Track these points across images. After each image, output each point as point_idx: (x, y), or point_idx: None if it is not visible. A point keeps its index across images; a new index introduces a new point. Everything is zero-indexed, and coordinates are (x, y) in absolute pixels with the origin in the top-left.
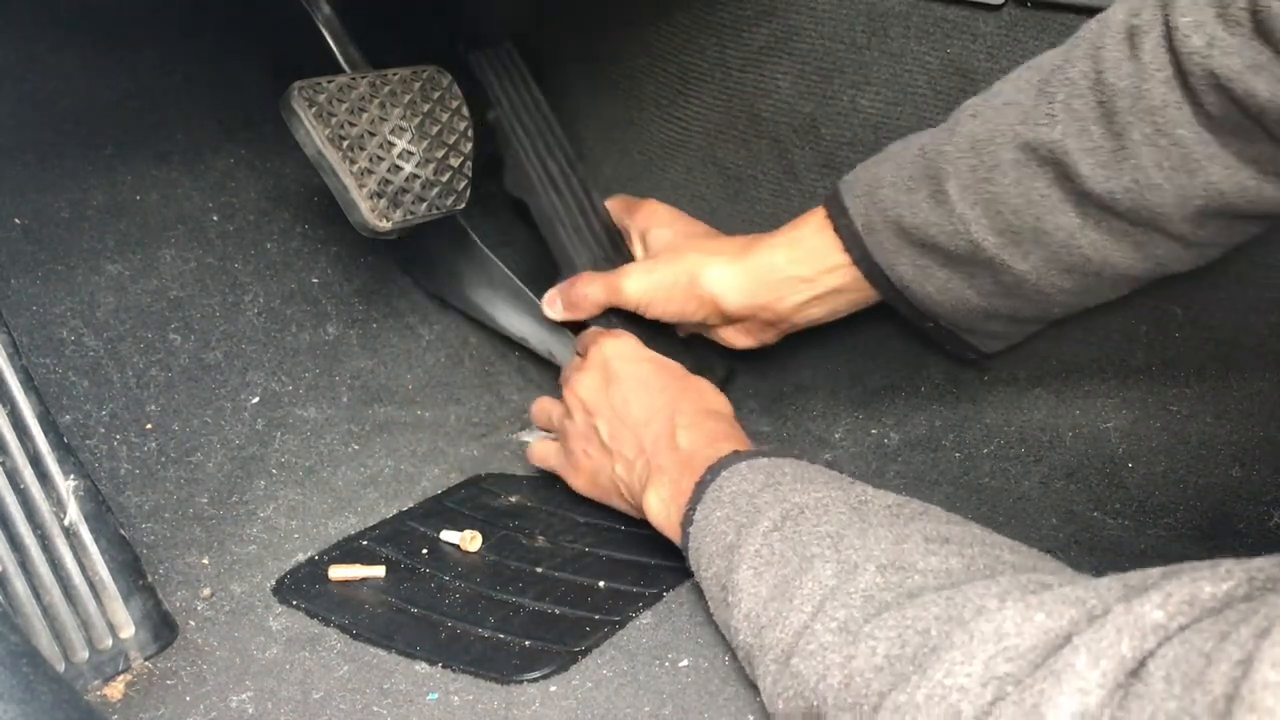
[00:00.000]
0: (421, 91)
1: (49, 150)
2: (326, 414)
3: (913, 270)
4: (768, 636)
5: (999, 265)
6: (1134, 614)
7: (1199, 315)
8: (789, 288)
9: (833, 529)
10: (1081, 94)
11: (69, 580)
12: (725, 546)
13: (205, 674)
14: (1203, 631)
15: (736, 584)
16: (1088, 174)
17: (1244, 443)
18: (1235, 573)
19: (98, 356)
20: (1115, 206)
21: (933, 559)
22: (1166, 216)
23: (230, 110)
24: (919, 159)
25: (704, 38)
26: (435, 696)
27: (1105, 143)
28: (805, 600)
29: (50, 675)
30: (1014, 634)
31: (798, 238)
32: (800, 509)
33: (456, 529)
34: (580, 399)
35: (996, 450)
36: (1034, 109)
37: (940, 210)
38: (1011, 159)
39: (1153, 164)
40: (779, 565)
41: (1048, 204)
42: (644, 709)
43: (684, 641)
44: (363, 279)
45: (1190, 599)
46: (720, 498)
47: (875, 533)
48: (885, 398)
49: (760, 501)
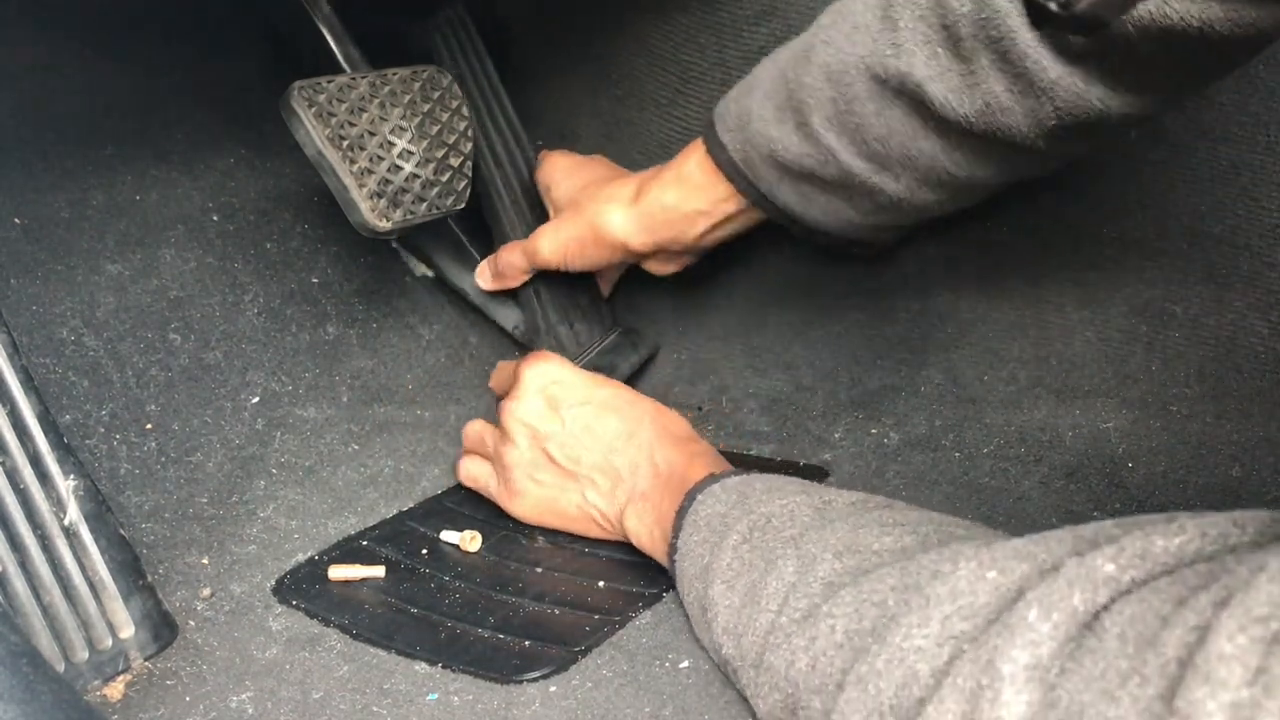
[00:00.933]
0: (421, 91)
1: (49, 150)
2: (326, 414)
3: (796, 197)
4: (744, 644)
5: (873, 188)
6: (1086, 567)
7: (1199, 315)
8: (687, 223)
9: (796, 531)
10: (925, 17)
11: (69, 580)
12: (701, 569)
13: (205, 674)
14: (1159, 591)
15: (712, 600)
16: (940, 101)
17: (1244, 443)
18: (1188, 527)
19: (98, 356)
20: (971, 129)
21: (887, 539)
22: (1022, 135)
23: (230, 110)
24: (782, 88)
25: (704, 37)
26: (435, 696)
27: (954, 67)
28: (770, 599)
29: (50, 675)
30: (968, 592)
31: (684, 174)
32: (767, 518)
33: (456, 529)
34: (524, 424)
35: (996, 450)
36: (880, 36)
37: (809, 142)
38: (867, 90)
39: (1002, 89)
40: (747, 573)
41: (908, 131)
42: (644, 709)
43: (684, 641)
44: (363, 279)
45: (1142, 553)
46: (696, 523)
47: (833, 526)
48: (885, 398)
49: (730, 518)
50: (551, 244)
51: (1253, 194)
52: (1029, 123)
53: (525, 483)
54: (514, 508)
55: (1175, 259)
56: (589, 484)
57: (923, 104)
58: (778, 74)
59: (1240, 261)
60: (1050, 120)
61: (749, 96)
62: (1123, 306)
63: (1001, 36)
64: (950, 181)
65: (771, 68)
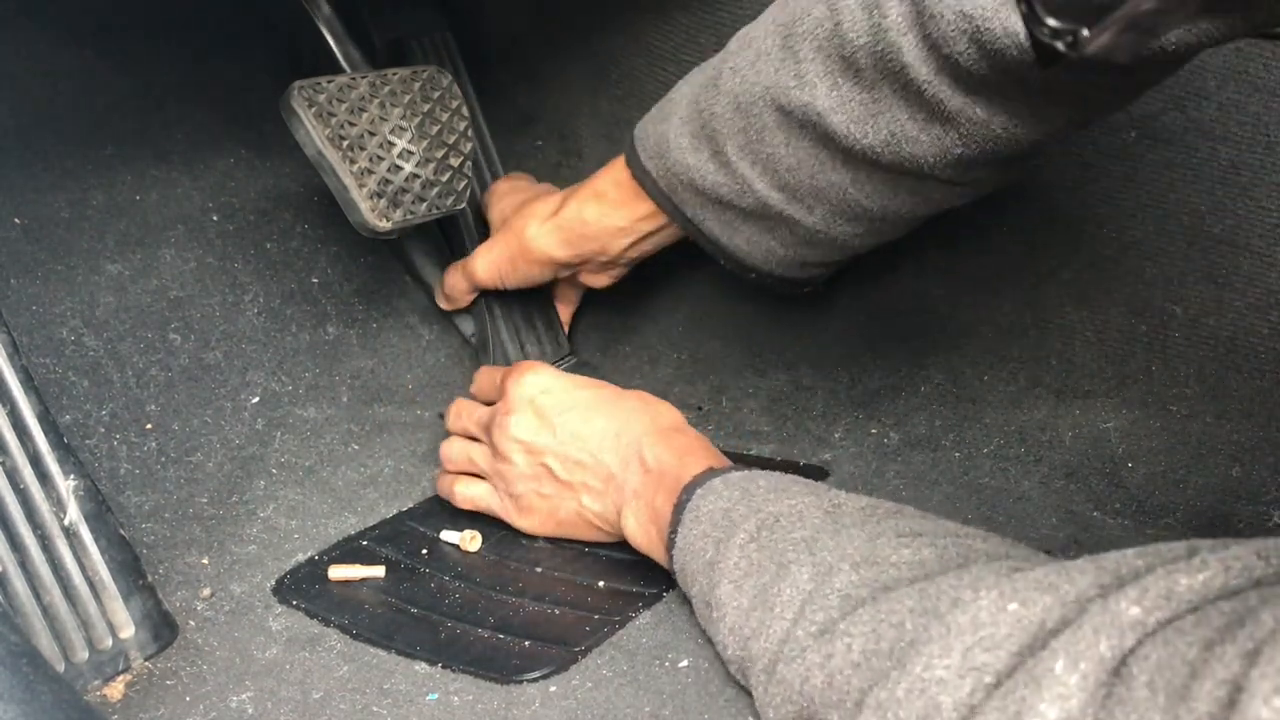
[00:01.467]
0: (421, 91)
1: (49, 150)
2: (326, 414)
3: (719, 225)
4: (753, 648)
5: (789, 219)
6: (1110, 612)
7: (1199, 315)
8: (607, 237)
9: (807, 534)
10: (824, 48)
11: (69, 580)
12: (705, 564)
13: (205, 674)
14: (1184, 633)
15: (719, 599)
16: (844, 133)
17: (1244, 443)
18: (1210, 563)
19: (98, 356)
20: (879, 161)
21: (905, 551)
22: (930, 165)
23: (230, 110)
24: (696, 117)
25: (704, 37)
26: (435, 696)
27: (855, 97)
28: (785, 607)
29: (50, 675)
30: (989, 623)
31: (601, 191)
32: (775, 518)
33: (456, 529)
34: (519, 441)
35: (996, 450)
36: (783, 66)
37: (725, 171)
38: (774, 120)
39: (906, 118)
40: (757, 575)
41: (817, 163)
42: (644, 709)
43: (684, 641)
44: (363, 279)
45: (1167, 593)
46: (698, 516)
47: (848, 533)
48: (885, 398)
49: (736, 515)
50: (485, 263)
51: (1253, 194)
52: (936, 152)
53: (533, 499)
54: (524, 524)
55: (1175, 259)
56: (584, 490)
57: (828, 135)
58: (691, 100)
59: (1240, 261)
60: (956, 148)
61: (666, 122)
62: (1123, 306)
63: (900, 68)
64: (864, 214)
65: (686, 92)
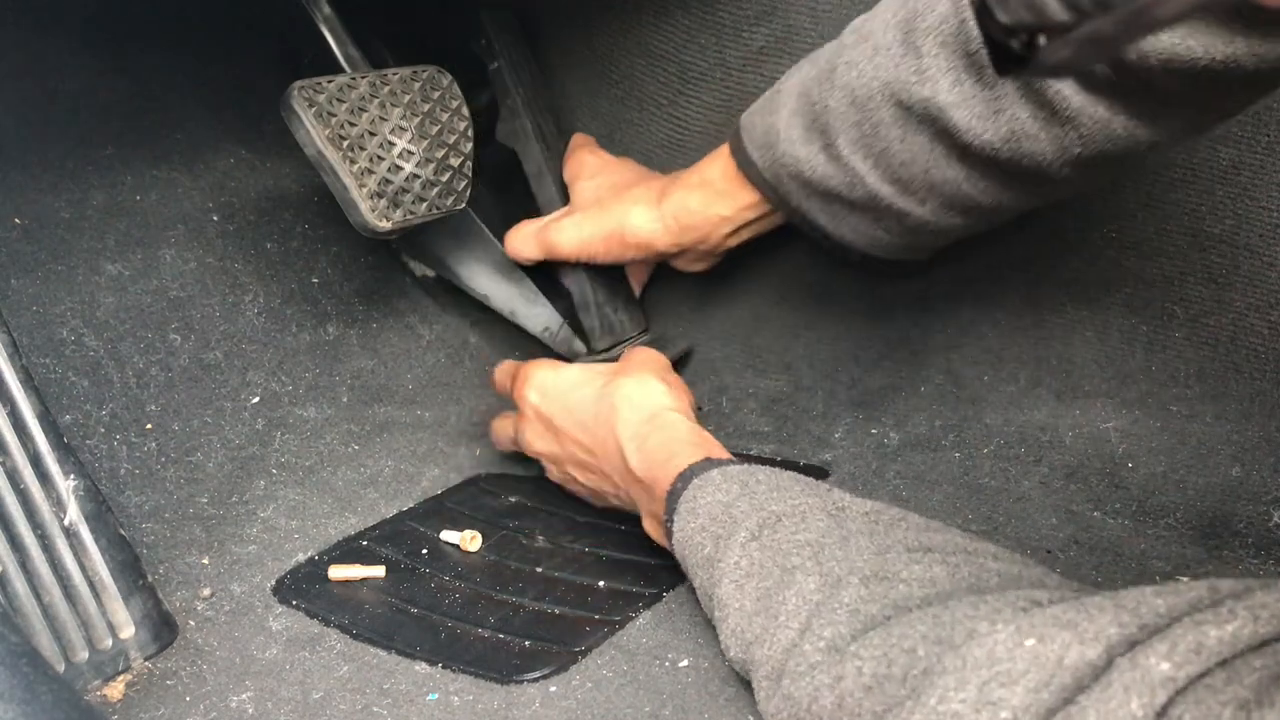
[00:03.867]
0: (421, 91)
1: (49, 150)
2: (326, 414)
3: (825, 216)
4: (756, 653)
5: (899, 212)
6: (1140, 669)
7: (1199, 315)
8: (711, 227)
9: (812, 537)
10: (947, 44)
11: (69, 580)
12: (704, 559)
13: (205, 674)
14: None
15: (721, 599)
16: (965, 128)
17: (1244, 443)
18: (1239, 612)
19: (98, 356)
20: (997, 157)
21: (916, 568)
22: (1048, 163)
23: (230, 110)
24: (808, 109)
25: (704, 37)
26: (435, 696)
27: (977, 94)
28: (791, 616)
29: (50, 675)
30: (1006, 658)
31: (709, 179)
32: (777, 517)
33: (456, 529)
34: (542, 453)
35: (996, 450)
36: (903, 62)
37: (836, 164)
38: (891, 116)
39: (1027, 115)
40: (759, 577)
41: (933, 158)
42: (644, 709)
43: (684, 641)
44: (363, 279)
45: (1196, 647)
46: (695, 509)
47: (856, 542)
48: (885, 398)
49: (736, 511)
50: (575, 238)
51: (1253, 194)
52: (1055, 150)
53: (576, 489)
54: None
55: (1175, 259)
56: (606, 483)
57: (947, 131)
58: (803, 92)
59: (1240, 261)
60: (1076, 148)
61: (775, 114)
62: (1123, 306)
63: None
64: (975, 208)
65: (796, 84)
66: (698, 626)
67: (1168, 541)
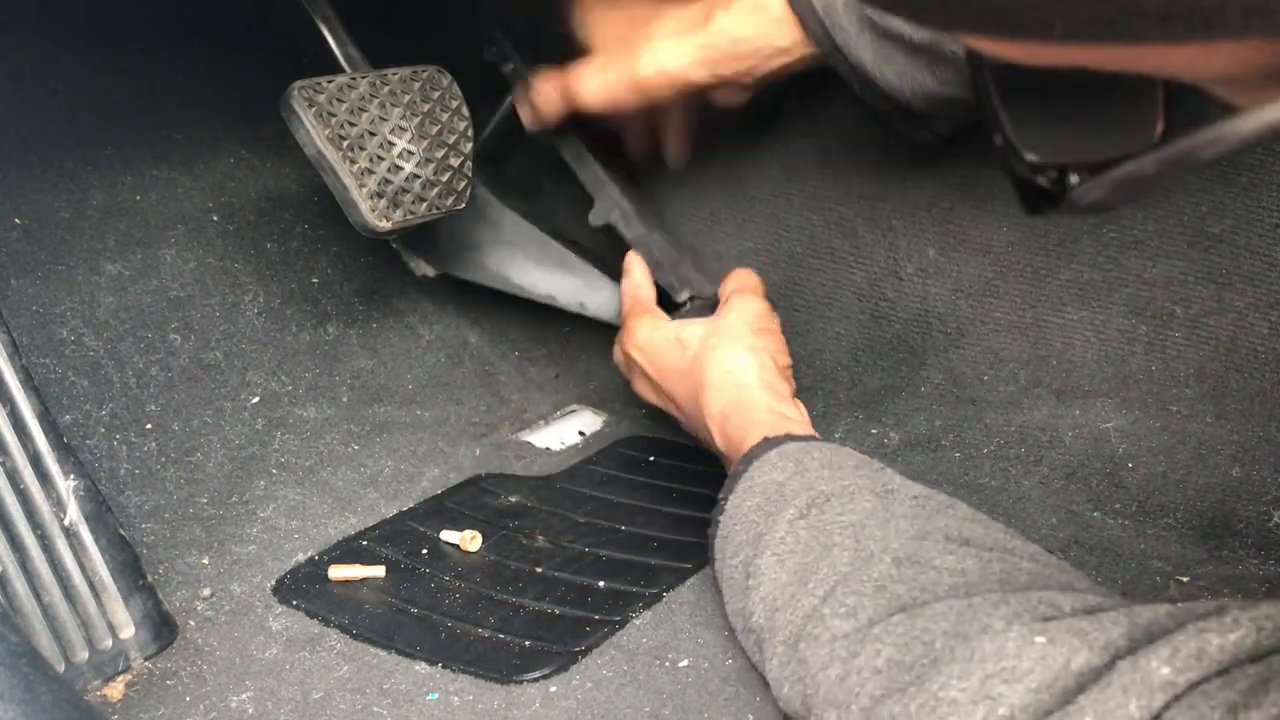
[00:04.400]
0: (421, 91)
1: (49, 150)
2: (326, 414)
3: (873, 54)
4: (779, 619)
5: (959, 58)
6: (1141, 670)
7: (1199, 315)
8: (762, 59)
9: (856, 518)
10: None
11: (69, 580)
12: (754, 535)
13: (205, 674)
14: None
15: (759, 568)
16: None
17: (1244, 443)
18: (1243, 621)
19: (98, 356)
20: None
21: (949, 558)
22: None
23: (230, 110)
24: None
25: None
26: (435, 696)
27: None
28: (819, 584)
29: (50, 675)
30: (1014, 655)
31: (763, 4)
32: (826, 497)
33: (456, 529)
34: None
35: (996, 450)
36: None
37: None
38: None
39: None
40: (801, 553)
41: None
42: (644, 709)
43: (684, 641)
44: (363, 279)
45: (1198, 653)
46: (751, 488)
47: (896, 525)
48: (885, 398)
49: (788, 490)
50: (597, 85)
51: (1253, 194)
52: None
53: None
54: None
55: (1175, 259)
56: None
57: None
58: None
59: (1240, 261)
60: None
61: None
62: (1123, 306)
63: None
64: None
65: None
66: (698, 627)
67: (1168, 541)
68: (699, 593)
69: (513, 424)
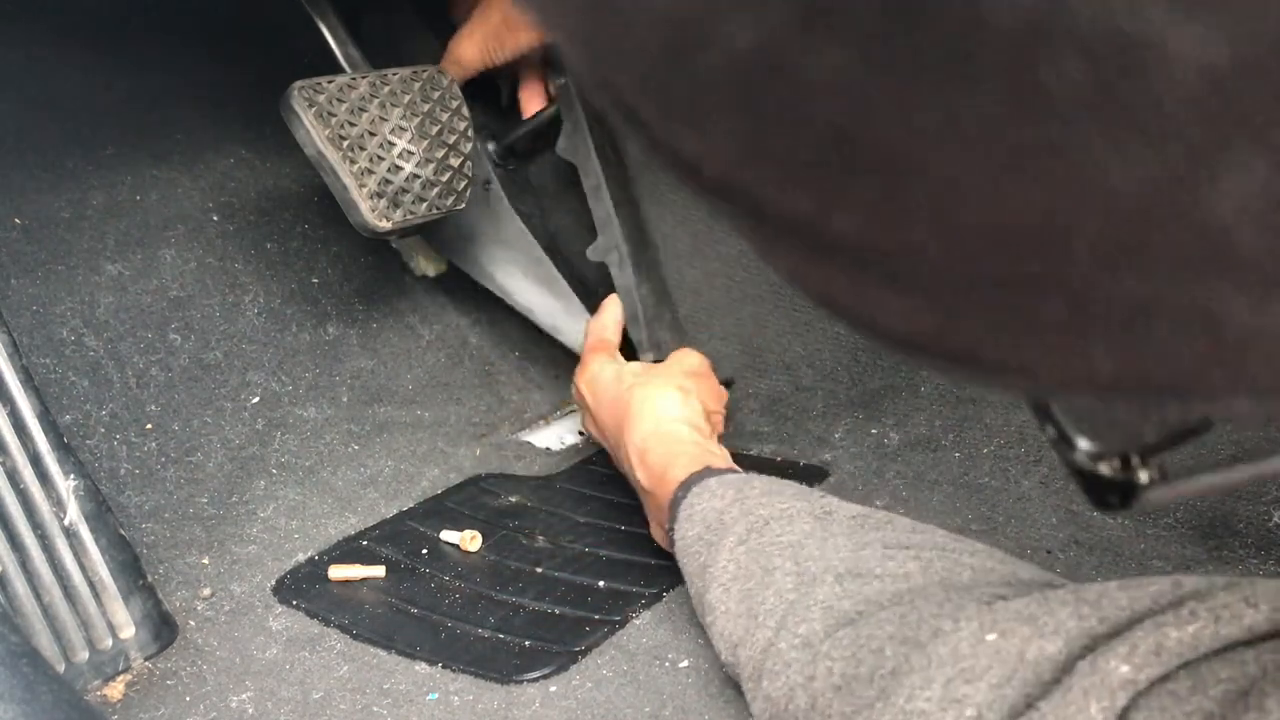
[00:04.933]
0: (421, 91)
1: (49, 150)
2: (326, 414)
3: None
4: (740, 655)
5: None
6: (1099, 672)
7: None
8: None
9: (794, 538)
10: None
11: (69, 580)
12: (699, 566)
13: (205, 674)
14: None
15: (710, 604)
16: None
17: (1243, 442)
18: (1200, 613)
19: (98, 356)
20: None
21: (890, 564)
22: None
23: (230, 110)
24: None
25: None
26: (435, 696)
27: None
28: (768, 615)
29: (50, 675)
30: (969, 654)
31: None
32: (765, 521)
33: (456, 529)
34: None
35: (996, 450)
36: None
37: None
38: None
39: None
40: (744, 579)
41: None
42: (644, 709)
43: (684, 641)
44: (363, 279)
45: (1156, 648)
46: (692, 516)
47: (835, 542)
48: (885, 398)
49: (728, 517)
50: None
51: None
52: None
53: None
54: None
55: None
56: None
57: None
58: None
59: None
60: None
61: None
62: None
63: None
64: None
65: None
66: (698, 627)
67: (1168, 541)
68: None
69: (513, 424)
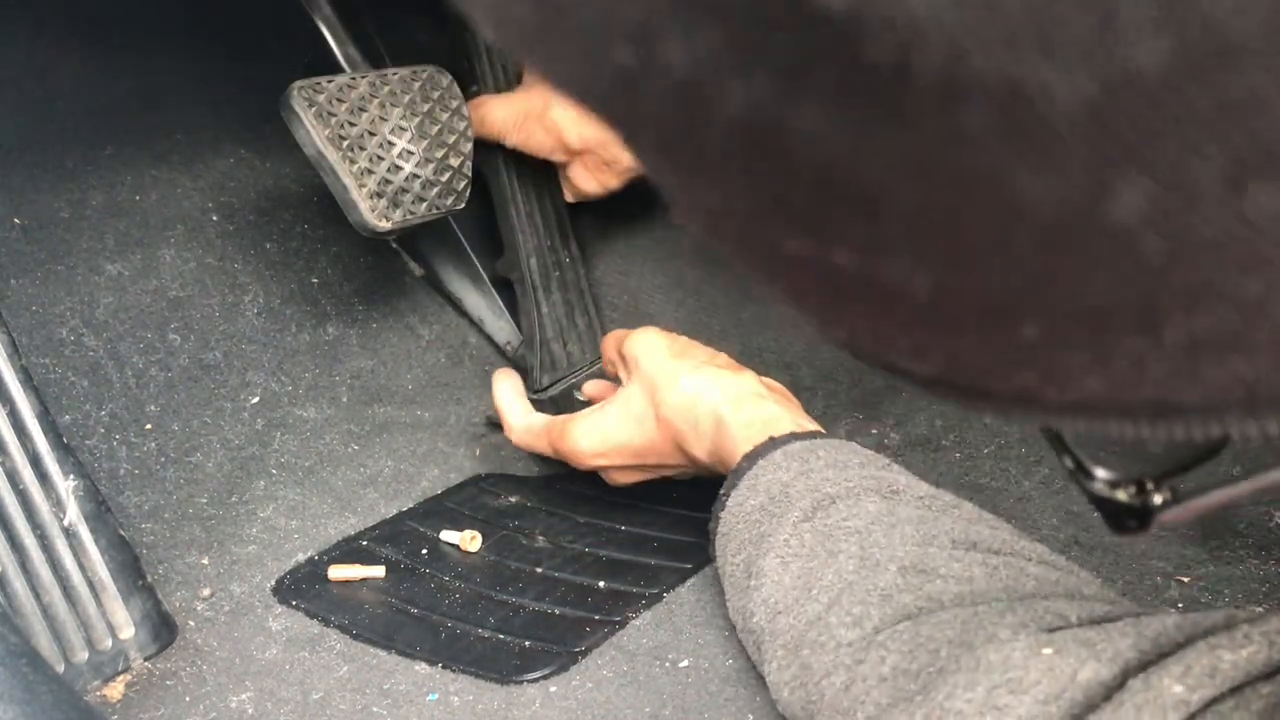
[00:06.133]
0: (421, 91)
1: (49, 150)
2: (326, 414)
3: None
4: (781, 622)
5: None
6: (1153, 689)
7: None
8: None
9: (862, 523)
10: None
11: (69, 580)
12: (757, 535)
13: (205, 674)
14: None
15: (762, 569)
16: None
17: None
18: (1254, 636)
19: (97, 356)
20: None
21: (955, 565)
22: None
23: (230, 110)
24: None
25: None
26: (435, 696)
27: None
28: (823, 591)
29: (50, 675)
30: (1020, 665)
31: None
32: (831, 499)
33: (456, 529)
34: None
35: (996, 450)
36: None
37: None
38: None
39: None
40: (806, 558)
41: None
42: (644, 709)
43: (684, 642)
44: (363, 279)
45: (1210, 670)
46: (755, 486)
47: (902, 530)
48: (885, 398)
49: (793, 491)
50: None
51: None
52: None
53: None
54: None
55: None
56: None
57: None
58: None
59: None
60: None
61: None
62: None
63: None
64: None
65: None
66: (698, 627)
67: (1168, 541)
68: (699, 593)
69: None
